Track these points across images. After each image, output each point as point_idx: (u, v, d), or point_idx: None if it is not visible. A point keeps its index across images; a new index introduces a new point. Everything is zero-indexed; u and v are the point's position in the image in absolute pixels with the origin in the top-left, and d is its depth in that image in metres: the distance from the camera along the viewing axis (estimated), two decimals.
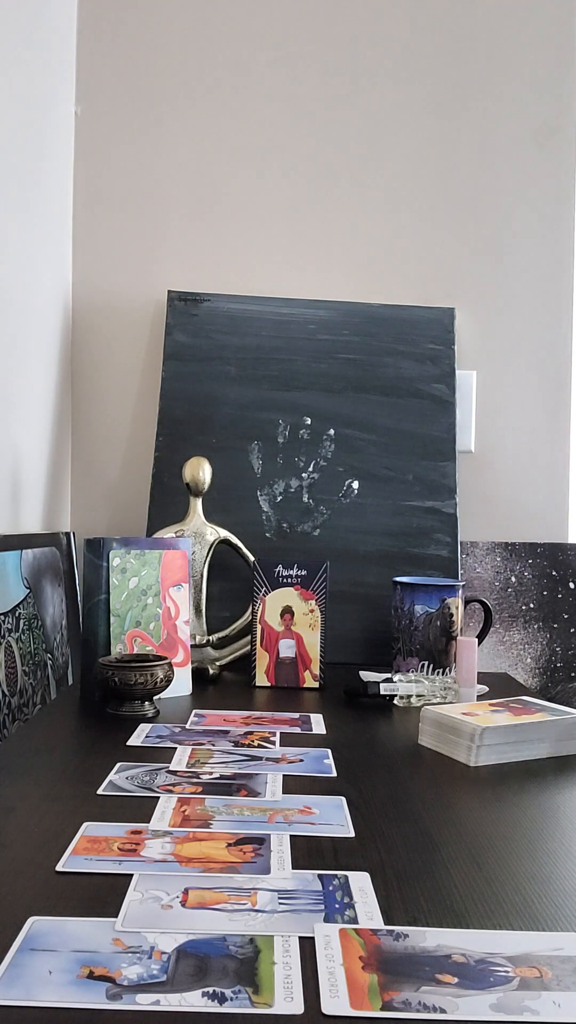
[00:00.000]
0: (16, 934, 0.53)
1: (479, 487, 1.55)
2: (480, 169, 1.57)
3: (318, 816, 0.74)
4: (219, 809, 0.74)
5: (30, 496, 1.41)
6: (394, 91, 1.56)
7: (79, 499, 1.59)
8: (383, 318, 1.52)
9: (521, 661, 1.51)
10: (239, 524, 1.42)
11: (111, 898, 0.58)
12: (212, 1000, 0.47)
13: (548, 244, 1.57)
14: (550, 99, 1.56)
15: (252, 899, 0.59)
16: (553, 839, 0.71)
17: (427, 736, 0.97)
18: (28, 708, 1.25)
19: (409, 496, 1.46)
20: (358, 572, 1.43)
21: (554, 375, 1.57)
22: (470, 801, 0.79)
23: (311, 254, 1.58)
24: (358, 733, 1.01)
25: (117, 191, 1.57)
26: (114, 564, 1.15)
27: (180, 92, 1.57)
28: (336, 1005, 0.47)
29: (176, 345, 1.51)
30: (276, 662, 1.25)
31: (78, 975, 0.49)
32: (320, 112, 1.57)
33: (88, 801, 0.76)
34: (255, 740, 0.96)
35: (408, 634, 1.27)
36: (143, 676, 1.03)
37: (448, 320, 1.53)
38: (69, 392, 1.58)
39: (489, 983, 0.49)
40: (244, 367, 1.50)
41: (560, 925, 0.57)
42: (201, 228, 1.58)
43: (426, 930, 0.55)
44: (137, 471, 1.56)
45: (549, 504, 1.57)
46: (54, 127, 1.49)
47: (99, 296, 1.58)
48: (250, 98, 1.57)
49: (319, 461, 1.46)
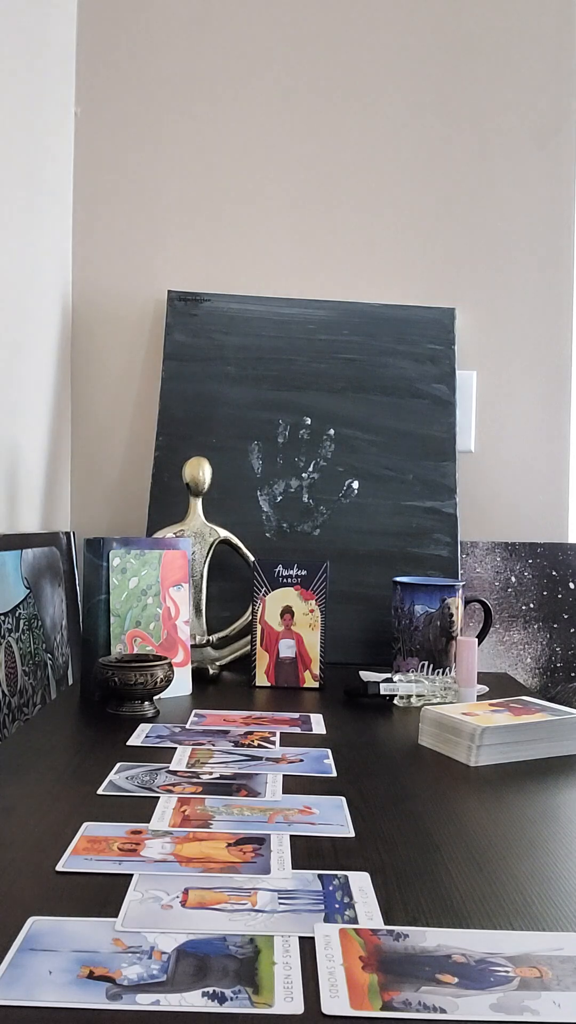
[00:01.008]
0: (16, 934, 0.53)
1: (479, 487, 1.55)
2: (480, 169, 1.57)
3: (318, 816, 0.74)
4: (219, 809, 0.74)
5: (30, 496, 1.41)
6: (394, 91, 1.56)
7: (79, 499, 1.59)
8: (383, 318, 1.52)
9: (521, 661, 1.51)
10: (239, 524, 1.42)
11: (111, 898, 0.58)
12: (212, 1000, 0.47)
13: (548, 244, 1.57)
14: (550, 99, 1.56)
15: (252, 899, 0.59)
16: (553, 839, 0.71)
17: (427, 736, 0.97)
18: (28, 708, 1.25)
19: (409, 496, 1.45)
20: (358, 572, 1.43)
21: (554, 375, 1.57)
22: (470, 801, 0.79)
23: (311, 254, 1.58)
24: (358, 733, 1.01)
25: (117, 191, 1.57)
26: (114, 564, 1.15)
27: (180, 92, 1.57)
28: (336, 1005, 0.47)
29: (176, 345, 1.51)
30: (276, 662, 1.25)
31: (78, 975, 0.49)
32: (320, 112, 1.57)
33: (88, 801, 0.76)
34: (255, 740, 0.96)
35: (408, 634, 1.27)
36: (143, 676, 1.03)
37: (448, 320, 1.53)
38: (69, 392, 1.58)
39: (489, 983, 0.49)
40: (244, 367, 1.50)
41: (560, 925, 0.57)
42: (201, 228, 1.58)
43: (426, 930, 0.55)
44: (137, 471, 1.56)
45: (549, 504, 1.57)
46: (54, 127, 1.49)
47: (99, 296, 1.58)
48: (250, 98, 1.57)
49: (319, 461, 1.46)
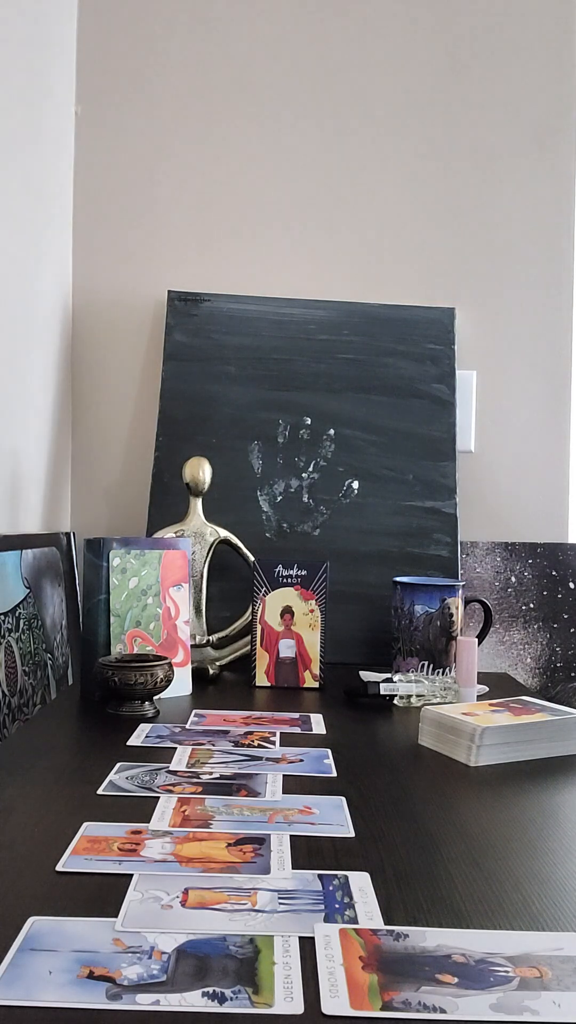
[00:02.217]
0: (16, 934, 0.53)
1: (479, 487, 1.55)
2: (480, 169, 1.57)
3: (318, 816, 0.74)
4: (219, 809, 0.74)
5: (30, 496, 1.41)
6: (394, 91, 1.56)
7: (79, 499, 1.59)
8: (383, 318, 1.52)
9: (521, 661, 1.51)
10: (239, 524, 1.42)
11: (111, 898, 0.58)
12: (212, 1000, 0.47)
13: (548, 244, 1.57)
14: (550, 99, 1.56)
15: (252, 899, 0.59)
16: (553, 839, 0.71)
17: (427, 736, 0.97)
18: (28, 708, 1.25)
19: (409, 496, 1.45)
20: (358, 572, 1.43)
21: (554, 375, 1.57)
22: (470, 801, 0.79)
23: (311, 254, 1.58)
24: (358, 733, 1.01)
25: (117, 191, 1.57)
26: (114, 564, 1.15)
27: (180, 92, 1.57)
28: (336, 1005, 0.47)
29: (176, 345, 1.51)
30: (276, 662, 1.25)
31: (78, 975, 0.49)
32: (320, 111, 1.57)
33: (88, 801, 0.76)
34: (255, 740, 0.96)
35: (408, 634, 1.27)
36: (143, 676, 1.03)
37: (448, 320, 1.53)
38: (69, 392, 1.58)
39: (489, 983, 0.49)
40: (244, 367, 1.50)
41: (560, 925, 0.57)
42: (201, 228, 1.58)
43: (426, 930, 0.55)
44: (137, 471, 1.56)
45: (549, 504, 1.57)
46: (54, 127, 1.49)
47: (99, 296, 1.58)
48: (250, 98, 1.57)
49: (319, 461, 1.46)
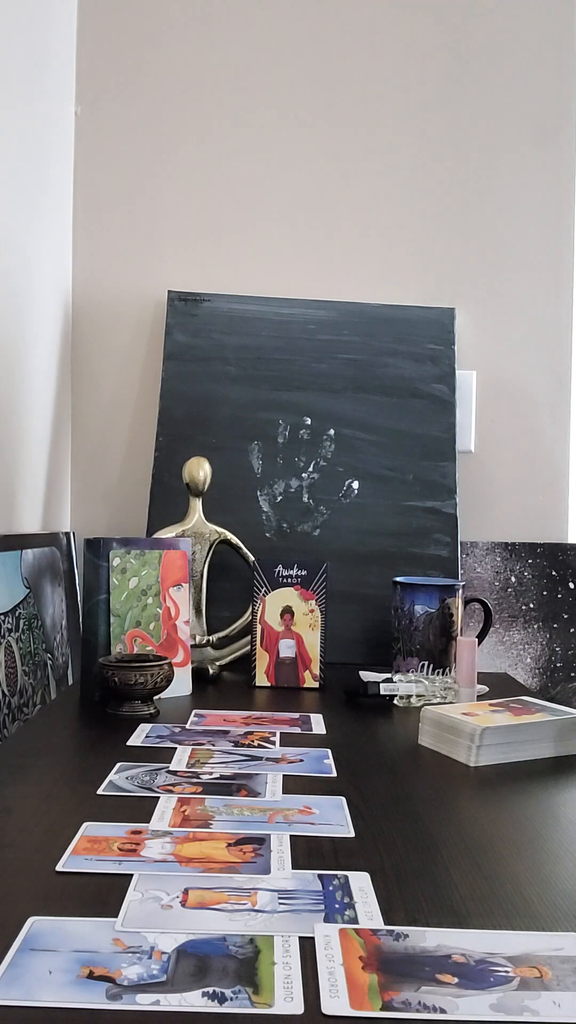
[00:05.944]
0: (16, 934, 0.53)
1: (479, 487, 1.55)
2: (480, 169, 1.57)
3: (318, 816, 0.74)
4: (219, 809, 0.74)
5: (30, 496, 1.41)
6: (394, 90, 1.56)
7: (79, 499, 1.59)
8: (383, 318, 1.52)
9: (521, 661, 1.51)
10: (239, 524, 1.42)
11: (111, 898, 0.58)
12: (212, 1000, 0.47)
13: (548, 244, 1.57)
14: (550, 99, 1.56)
15: (252, 899, 0.59)
16: (553, 839, 0.71)
17: (427, 736, 0.96)
18: (28, 708, 1.25)
19: (409, 496, 1.45)
20: (358, 572, 1.43)
21: (554, 375, 1.57)
22: (470, 801, 0.79)
23: (311, 254, 1.58)
24: (358, 733, 1.01)
25: (117, 191, 1.57)
26: (114, 564, 1.15)
27: (180, 92, 1.57)
28: (336, 1005, 0.47)
29: (176, 345, 1.51)
30: (276, 662, 1.25)
31: (78, 975, 0.49)
32: (320, 111, 1.57)
33: (88, 801, 0.76)
34: (255, 740, 0.96)
35: (408, 634, 1.27)
36: (143, 676, 1.03)
37: (448, 320, 1.53)
38: (69, 392, 1.58)
39: (489, 983, 0.49)
40: (244, 367, 1.50)
41: (560, 925, 0.57)
42: (201, 228, 1.58)
43: (426, 930, 0.55)
44: (137, 471, 1.56)
45: (549, 504, 1.57)
46: (54, 127, 1.49)
47: (99, 296, 1.58)
48: (250, 98, 1.57)
49: (319, 461, 1.46)
